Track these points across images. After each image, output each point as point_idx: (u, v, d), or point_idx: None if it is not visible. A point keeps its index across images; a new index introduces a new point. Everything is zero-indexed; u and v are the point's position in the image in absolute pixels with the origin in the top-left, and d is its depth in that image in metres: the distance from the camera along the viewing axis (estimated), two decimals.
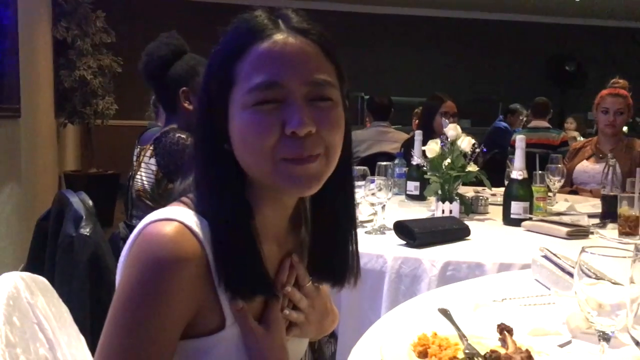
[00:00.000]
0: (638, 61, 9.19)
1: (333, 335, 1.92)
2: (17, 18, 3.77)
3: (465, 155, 2.30)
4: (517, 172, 2.18)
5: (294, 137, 0.74)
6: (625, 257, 0.79)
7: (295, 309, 0.88)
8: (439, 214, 2.24)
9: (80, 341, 1.02)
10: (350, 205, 0.90)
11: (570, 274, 1.26)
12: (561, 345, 1.00)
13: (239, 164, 0.79)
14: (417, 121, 5.59)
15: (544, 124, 5.14)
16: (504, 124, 6.34)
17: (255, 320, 0.81)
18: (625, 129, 3.23)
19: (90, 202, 1.64)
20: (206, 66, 0.81)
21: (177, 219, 0.74)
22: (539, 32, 9.36)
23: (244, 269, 0.77)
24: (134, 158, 2.04)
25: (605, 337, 0.83)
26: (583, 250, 0.82)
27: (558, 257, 1.34)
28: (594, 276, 0.84)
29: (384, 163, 2.31)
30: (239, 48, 0.77)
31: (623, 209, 1.96)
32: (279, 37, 0.76)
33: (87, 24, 5.57)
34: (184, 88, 1.96)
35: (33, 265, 1.73)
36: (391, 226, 1.91)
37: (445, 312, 1.13)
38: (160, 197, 1.91)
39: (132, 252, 0.74)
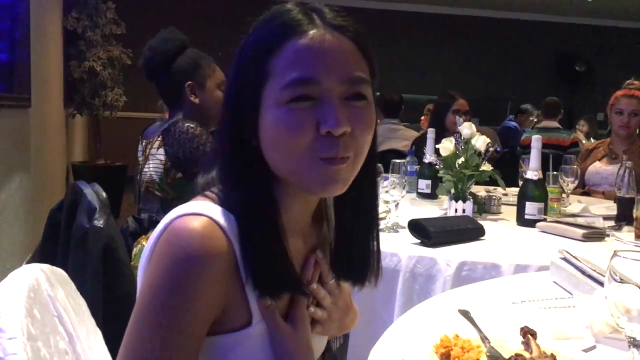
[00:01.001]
0: None
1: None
2: (29, 8, 3.76)
3: (479, 154, 2.28)
4: (533, 172, 2.16)
5: (329, 136, 0.73)
6: None
7: (319, 306, 0.87)
8: (451, 212, 2.22)
9: (97, 334, 1.01)
10: (373, 204, 0.90)
11: (591, 277, 1.25)
12: (586, 350, 0.99)
13: (267, 160, 0.78)
14: (423, 118, 5.59)
15: (555, 124, 5.11)
16: (513, 123, 6.31)
17: (282, 318, 0.80)
18: (638, 130, 3.20)
19: (104, 194, 1.63)
20: (236, 58, 0.79)
21: (205, 214, 0.73)
22: (549, 32, 9.31)
23: (272, 266, 0.76)
24: (139, 153, 2.04)
25: (635, 344, 0.81)
26: (615, 254, 0.81)
27: (578, 260, 1.33)
28: (620, 280, 0.82)
29: (398, 160, 2.29)
30: (274, 43, 0.75)
31: (639, 211, 1.94)
32: (315, 32, 0.75)
33: (98, 15, 5.57)
34: (190, 82, 1.97)
35: (44, 256, 1.73)
36: (404, 224, 1.90)
37: (466, 314, 1.11)
38: (168, 186, 1.91)
39: (159, 246, 0.73)
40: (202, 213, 0.73)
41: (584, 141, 5.26)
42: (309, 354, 0.82)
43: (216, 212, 0.75)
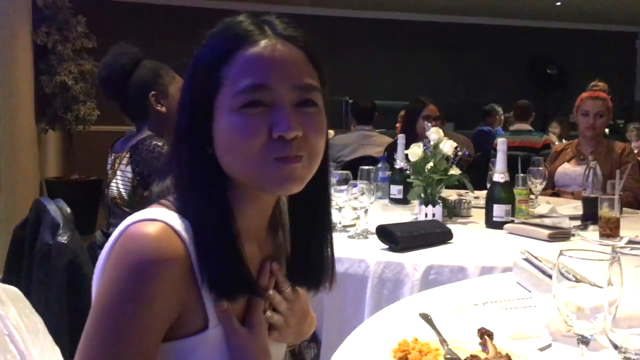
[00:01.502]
0: (618, 64, 9.32)
1: (315, 340, 1.91)
2: None
3: (447, 158, 2.30)
4: (499, 174, 2.19)
5: (280, 140, 0.76)
6: (602, 259, 0.79)
7: (275, 312, 0.88)
8: (422, 217, 2.24)
9: (55, 352, 1.00)
10: (326, 210, 0.91)
11: (551, 277, 1.26)
12: (541, 349, 1.00)
13: (222, 166, 0.79)
14: (398, 125, 5.63)
15: (526, 126, 5.18)
16: (487, 127, 6.38)
17: (239, 322, 0.80)
18: (607, 131, 3.25)
19: (68, 210, 1.62)
20: (190, 69, 0.81)
21: (160, 219, 0.75)
22: (520, 36, 9.45)
23: (227, 268, 0.77)
24: (108, 166, 2.03)
25: (584, 341, 0.83)
26: (561, 253, 0.82)
27: (539, 260, 1.35)
28: (573, 279, 0.84)
29: (366, 167, 2.31)
30: (226, 52, 0.77)
31: (604, 211, 1.98)
32: (266, 42, 0.78)
33: (68, 29, 5.51)
34: (153, 92, 1.97)
35: (9, 274, 1.70)
36: (374, 230, 1.91)
37: (426, 317, 1.12)
38: (137, 204, 1.90)
39: (114, 253, 0.73)
40: (157, 219, 0.75)
41: (556, 143, 5.33)
42: (265, 358, 0.82)
43: (171, 217, 0.76)
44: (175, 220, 0.76)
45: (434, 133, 2.34)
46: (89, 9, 5.91)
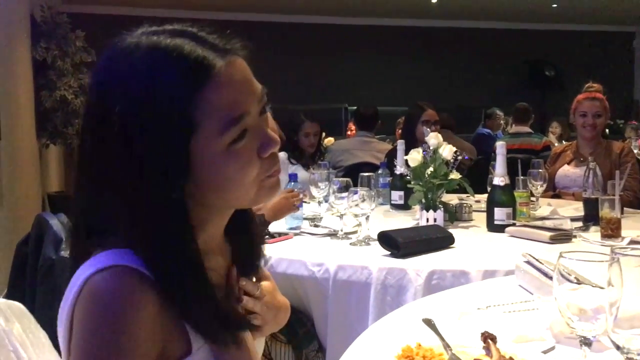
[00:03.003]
0: (616, 64, 9.34)
1: (321, 349, 1.91)
2: None
3: (447, 163, 2.31)
4: (499, 178, 2.19)
5: (270, 157, 0.76)
6: (602, 260, 0.79)
7: (252, 314, 0.87)
8: (423, 222, 2.24)
9: None
10: None
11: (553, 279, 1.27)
12: (545, 352, 1.00)
13: (195, 201, 0.74)
14: (399, 132, 5.64)
15: (526, 129, 5.18)
16: (487, 130, 6.38)
17: None
18: (607, 131, 3.25)
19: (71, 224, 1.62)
20: (133, 102, 0.69)
21: (119, 264, 0.69)
22: (518, 39, 9.47)
23: (202, 313, 0.73)
24: None
25: (586, 342, 0.83)
26: (561, 255, 0.83)
27: (540, 262, 1.35)
28: (575, 281, 0.84)
29: (367, 174, 2.31)
30: (188, 96, 0.69)
31: (604, 211, 1.98)
32: (222, 66, 0.71)
33: (67, 44, 5.53)
34: None
35: (12, 290, 1.70)
36: (375, 237, 1.91)
37: (429, 322, 1.12)
38: None
39: (79, 313, 0.68)
40: (116, 264, 0.69)
41: (556, 144, 5.33)
42: None
43: (131, 259, 0.70)
44: (134, 261, 0.70)
45: (433, 138, 2.34)
46: (87, 23, 5.93)
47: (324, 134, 3.69)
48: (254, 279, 0.89)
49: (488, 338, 0.99)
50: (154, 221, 0.71)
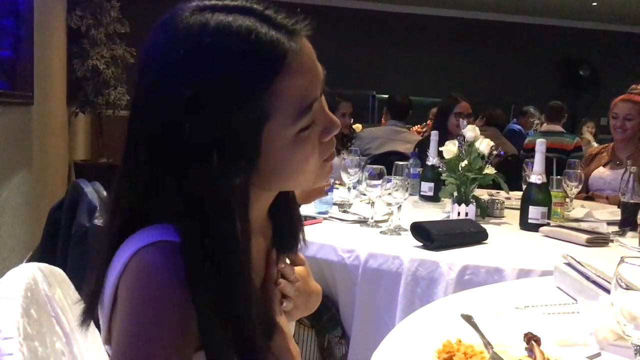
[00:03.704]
0: None
1: (344, 336, 1.90)
2: (33, 5, 3.75)
3: (482, 157, 2.27)
4: (536, 176, 2.14)
5: (330, 140, 0.76)
6: None
7: (285, 299, 0.86)
8: (454, 216, 2.21)
9: (95, 335, 1.00)
10: None
11: (596, 283, 1.23)
12: (590, 357, 0.97)
13: (258, 186, 0.74)
14: (429, 123, 5.57)
15: (558, 128, 5.08)
16: (517, 126, 6.28)
17: None
18: None
19: (105, 193, 1.62)
20: (194, 82, 0.66)
21: (169, 240, 0.67)
22: (554, 35, 9.28)
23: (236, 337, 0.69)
24: None
25: None
26: (622, 260, 0.79)
27: (582, 265, 1.31)
28: (626, 287, 0.81)
29: (401, 163, 2.27)
30: (263, 82, 0.67)
31: None
32: (294, 49, 0.69)
33: (102, 14, 5.56)
34: None
35: (44, 255, 1.71)
36: (406, 227, 1.88)
37: (468, 319, 1.10)
38: None
39: (125, 282, 0.67)
40: (165, 240, 0.67)
41: (594, 144, 5.22)
42: (290, 353, 0.81)
43: (177, 236, 0.68)
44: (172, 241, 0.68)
45: (470, 131, 2.30)
46: None
47: (352, 119, 3.66)
48: (287, 261, 0.88)
49: (532, 339, 0.96)
50: (213, 206, 0.68)
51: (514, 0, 8.40)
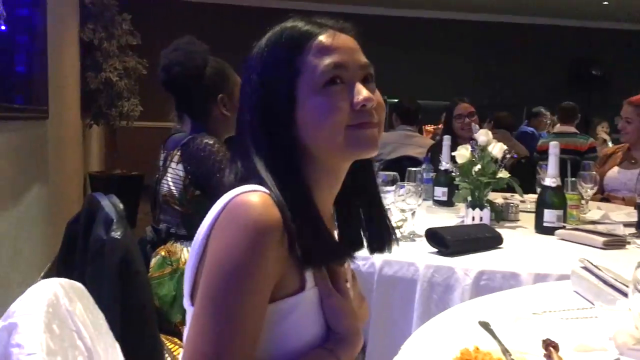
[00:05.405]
0: None
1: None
2: (46, 20, 3.81)
3: (496, 161, 2.26)
4: (551, 179, 2.13)
5: (362, 109, 0.86)
6: None
7: None
8: (468, 220, 2.20)
9: (115, 348, 1.01)
10: (375, 178, 1.03)
11: (614, 287, 1.22)
12: None
13: (307, 145, 0.87)
14: (441, 125, 5.56)
15: (571, 129, 5.05)
16: (530, 128, 6.25)
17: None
18: None
19: (121, 206, 1.63)
20: (259, 64, 0.89)
21: (260, 190, 0.81)
22: (565, 36, 9.23)
23: (317, 240, 0.84)
24: (161, 163, 2.02)
25: None
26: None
27: (599, 269, 1.30)
28: None
29: (414, 168, 2.27)
30: (298, 44, 0.86)
31: None
32: (330, 31, 0.88)
33: (113, 26, 5.63)
34: (222, 94, 1.93)
35: (61, 268, 1.73)
36: (421, 233, 1.88)
37: (486, 326, 1.09)
38: (188, 202, 1.89)
39: (223, 220, 0.80)
40: (258, 190, 0.81)
41: (610, 144, 5.18)
42: (355, 319, 0.90)
43: (267, 191, 0.82)
44: (270, 192, 0.83)
45: (483, 135, 2.29)
46: (134, 7, 6.02)
47: None
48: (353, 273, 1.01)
49: (550, 345, 0.96)
50: (273, 161, 0.85)
51: (525, 2, 8.37)
